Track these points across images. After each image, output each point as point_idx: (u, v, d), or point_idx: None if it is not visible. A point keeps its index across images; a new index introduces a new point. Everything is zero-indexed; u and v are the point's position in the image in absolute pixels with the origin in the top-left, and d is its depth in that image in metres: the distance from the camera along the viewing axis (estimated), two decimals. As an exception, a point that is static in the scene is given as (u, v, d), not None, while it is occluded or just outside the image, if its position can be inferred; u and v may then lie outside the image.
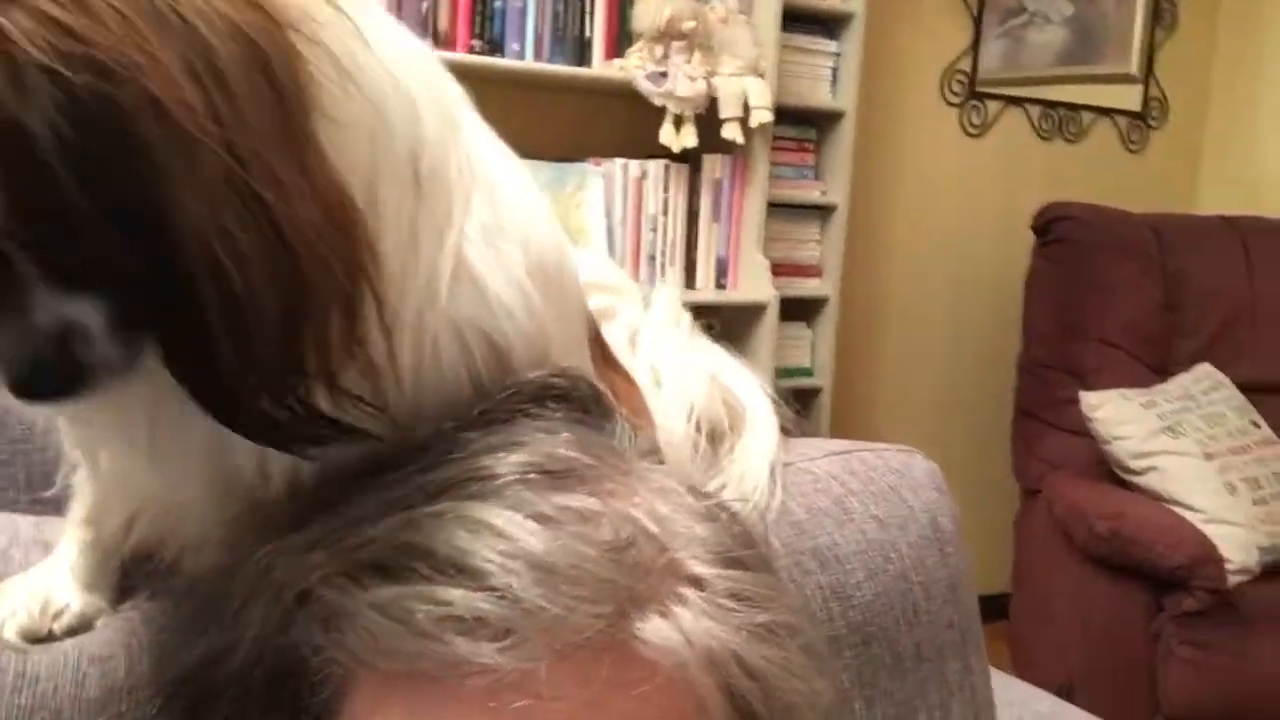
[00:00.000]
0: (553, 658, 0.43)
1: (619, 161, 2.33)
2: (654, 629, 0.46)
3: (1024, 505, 2.62)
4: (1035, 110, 3.07)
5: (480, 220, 0.54)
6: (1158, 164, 3.27)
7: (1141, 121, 3.24)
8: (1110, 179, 3.12)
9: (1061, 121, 3.12)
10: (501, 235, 0.55)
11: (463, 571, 0.45)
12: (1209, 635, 2.03)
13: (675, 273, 2.40)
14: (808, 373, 2.68)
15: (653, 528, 0.48)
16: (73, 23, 0.36)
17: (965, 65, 2.95)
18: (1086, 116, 3.16)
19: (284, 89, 0.42)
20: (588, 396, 0.57)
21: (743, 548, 0.51)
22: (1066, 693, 1.64)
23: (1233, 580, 2.07)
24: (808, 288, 2.65)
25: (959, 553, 0.83)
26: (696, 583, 0.48)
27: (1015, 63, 3.04)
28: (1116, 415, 2.31)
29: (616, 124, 2.32)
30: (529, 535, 0.45)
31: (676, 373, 0.79)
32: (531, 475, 0.49)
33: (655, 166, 2.36)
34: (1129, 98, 3.21)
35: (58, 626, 0.61)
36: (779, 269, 2.51)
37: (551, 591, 0.44)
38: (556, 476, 0.49)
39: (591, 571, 0.45)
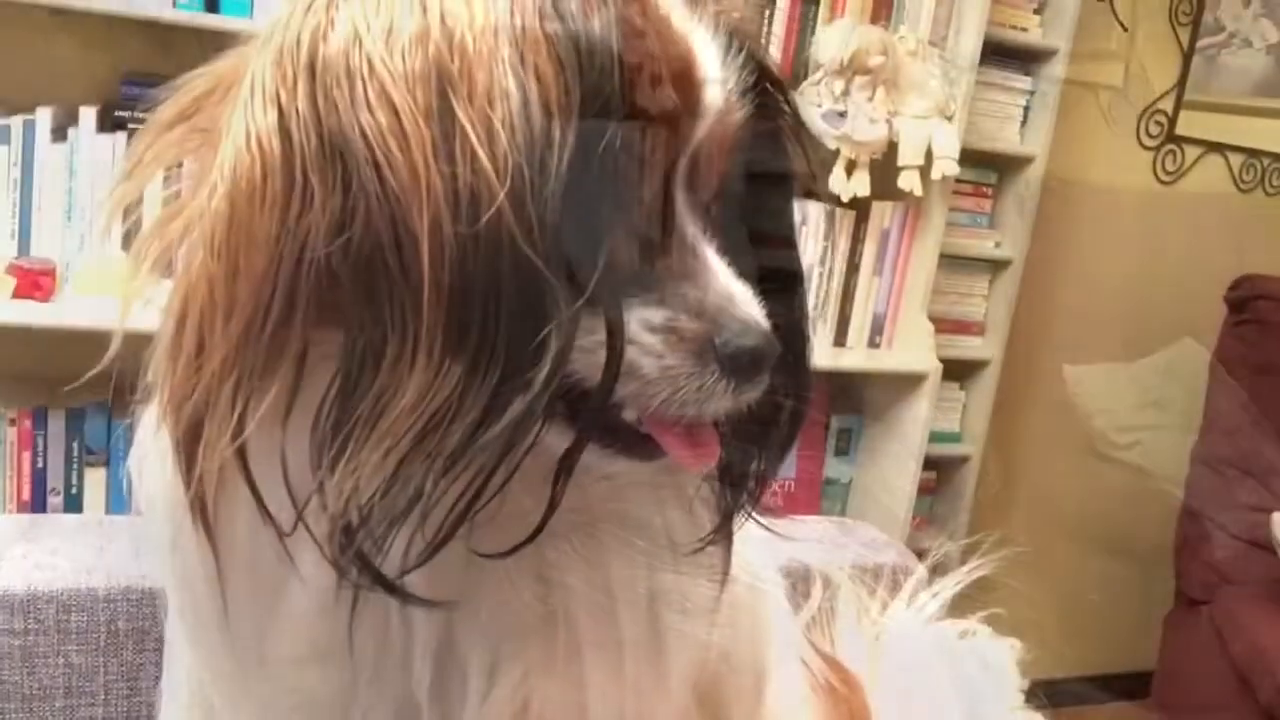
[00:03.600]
0: None
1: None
2: None
3: (1183, 612, 2.36)
4: (1237, 159, 2.74)
5: None
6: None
7: (1359, 177, 2.87)
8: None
9: (1265, 172, 2.78)
10: None
11: None
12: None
13: (824, 328, 2.17)
14: (955, 438, 2.44)
15: None
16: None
17: (1167, 105, 2.62)
18: (1294, 167, 2.81)
19: None
20: None
21: None
22: None
23: None
24: (968, 347, 2.40)
25: None
26: None
27: (1207, 88, 2.71)
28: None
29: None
30: None
31: None
32: None
33: (816, 210, 2.12)
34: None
35: None
36: (938, 325, 2.25)
37: None
38: None
39: None
